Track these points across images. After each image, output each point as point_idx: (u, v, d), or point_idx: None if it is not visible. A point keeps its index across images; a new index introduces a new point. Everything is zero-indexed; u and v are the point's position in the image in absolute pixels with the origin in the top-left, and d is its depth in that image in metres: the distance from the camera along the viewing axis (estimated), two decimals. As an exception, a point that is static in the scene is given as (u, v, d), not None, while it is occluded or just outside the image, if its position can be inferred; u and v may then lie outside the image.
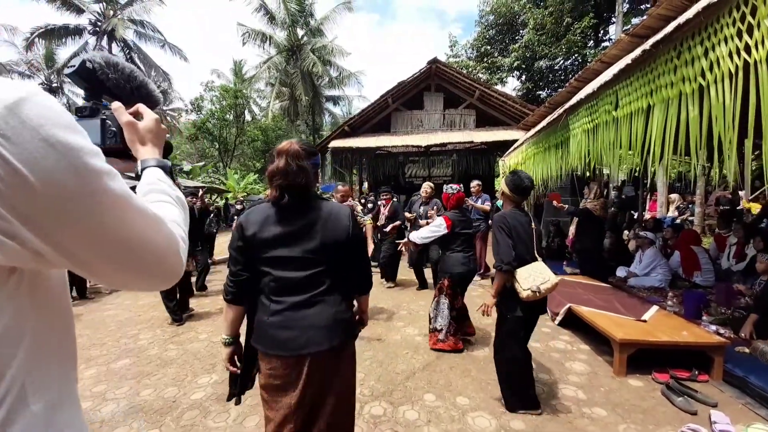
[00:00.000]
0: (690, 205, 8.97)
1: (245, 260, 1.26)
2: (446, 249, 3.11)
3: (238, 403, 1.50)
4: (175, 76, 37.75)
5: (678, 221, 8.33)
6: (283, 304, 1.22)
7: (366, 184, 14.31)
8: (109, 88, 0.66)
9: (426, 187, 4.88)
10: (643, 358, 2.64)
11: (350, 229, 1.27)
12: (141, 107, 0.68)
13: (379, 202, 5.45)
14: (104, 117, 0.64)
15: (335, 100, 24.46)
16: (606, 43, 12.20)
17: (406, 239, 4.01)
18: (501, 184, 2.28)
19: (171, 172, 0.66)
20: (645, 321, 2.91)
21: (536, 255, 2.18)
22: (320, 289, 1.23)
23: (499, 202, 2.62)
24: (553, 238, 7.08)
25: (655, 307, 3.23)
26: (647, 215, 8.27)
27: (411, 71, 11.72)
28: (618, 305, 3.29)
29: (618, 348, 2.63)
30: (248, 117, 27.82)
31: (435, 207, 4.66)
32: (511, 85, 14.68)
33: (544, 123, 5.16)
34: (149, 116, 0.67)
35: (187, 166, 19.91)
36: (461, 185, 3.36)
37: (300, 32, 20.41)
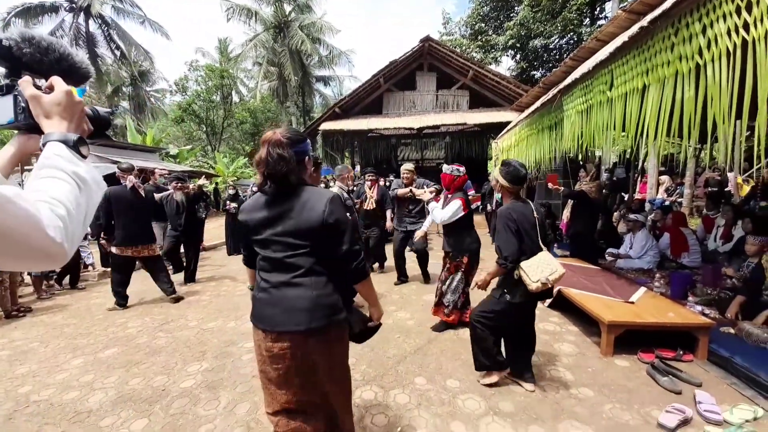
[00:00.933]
0: (679, 187, 9.06)
1: (245, 240, 1.48)
2: (462, 229, 3.14)
3: None
4: (158, 55, 36.18)
5: (667, 203, 8.43)
6: (269, 282, 1.32)
7: (358, 167, 14.14)
8: (27, 63, 0.65)
9: (405, 171, 4.49)
10: (629, 339, 2.69)
11: (324, 214, 1.27)
12: (54, 80, 0.66)
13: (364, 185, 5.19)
14: (16, 93, 0.63)
15: (326, 80, 23.79)
16: (602, 21, 11.93)
17: (390, 221, 3.98)
18: (496, 176, 2.24)
19: (77, 146, 0.64)
20: (633, 303, 2.95)
21: (541, 245, 2.17)
22: (300, 271, 1.29)
23: (498, 195, 2.64)
24: (543, 220, 7.12)
25: (642, 289, 3.28)
26: (637, 197, 8.35)
27: (403, 51, 11.36)
28: (607, 287, 3.33)
29: (606, 330, 2.67)
30: (236, 98, 27.01)
31: (425, 186, 4.53)
32: (506, 65, 14.47)
33: (538, 104, 5.07)
34: (59, 89, 0.65)
35: (173, 150, 19.35)
36: (463, 167, 3.31)
37: (287, 8, 19.59)
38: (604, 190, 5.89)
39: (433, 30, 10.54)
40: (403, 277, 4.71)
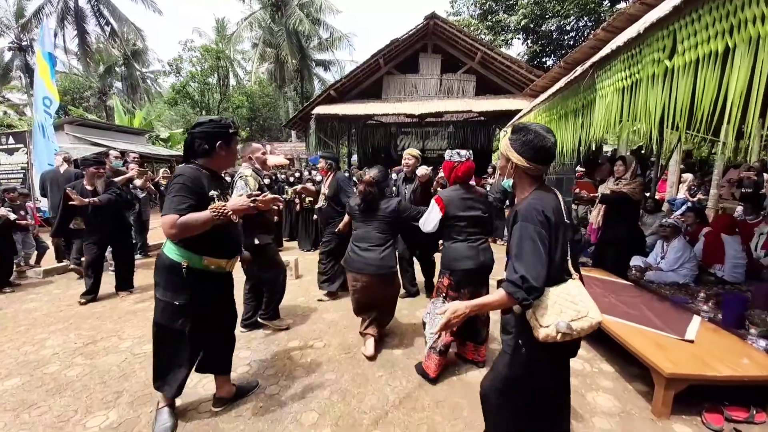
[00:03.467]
0: (703, 186, 8.28)
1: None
2: (447, 238, 2.36)
3: None
4: (152, 34, 34.85)
5: (689, 204, 7.67)
6: (358, 247, 2.61)
7: (355, 157, 13.34)
8: None
9: (408, 156, 3.60)
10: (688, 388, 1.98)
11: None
12: None
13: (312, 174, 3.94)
14: None
15: (326, 65, 22.73)
16: (623, 4, 10.96)
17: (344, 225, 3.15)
18: (505, 151, 1.36)
19: None
20: (692, 341, 2.23)
21: (570, 268, 1.32)
22: (377, 242, 2.59)
23: (507, 182, 1.62)
24: (577, 224, 6.38)
25: (697, 319, 2.56)
26: (656, 196, 7.58)
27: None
28: (650, 314, 2.61)
29: (663, 384, 1.95)
30: (233, 82, 25.94)
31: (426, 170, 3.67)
32: (516, 50, 13.49)
33: (560, 84, 4.23)
34: None
35: (164, 133, 18.48)
36: (470, 152, 2.48)
37: (285, -15, 18.46)
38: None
39: (439, 9, 9.77)
40: (411, 288, 3.80)
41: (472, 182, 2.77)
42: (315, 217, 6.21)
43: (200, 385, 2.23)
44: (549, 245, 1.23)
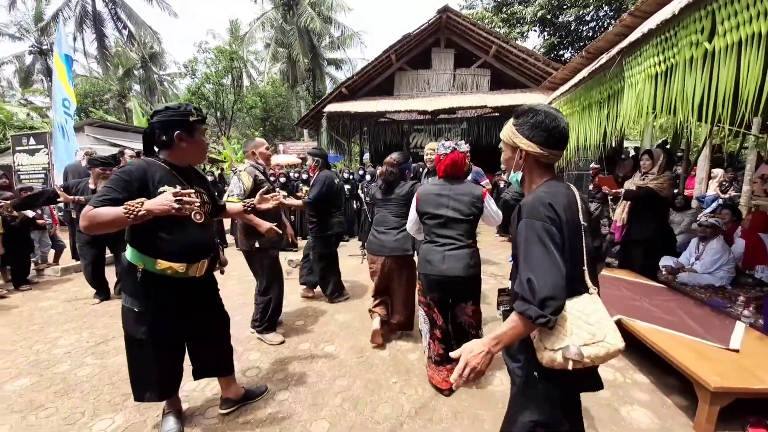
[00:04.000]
0: (734, 182, 7.82)
1: None
2: (424, 237, 2.20)
3: None
4: (168, 37, 35.64)
5: (720, 200, 7.25)
6: (376, 230, 2.70)
7: (367, 155, 13.25)
8: None
9: (429, 151, 3.34)
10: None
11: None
12: None
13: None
14: None
15: (337, 63, 22.68)
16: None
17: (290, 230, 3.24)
18: (510, 139, 1.14)
19: None
20: (737, 351, 2.03)
21: (588, 280, 1.09)
22: (393, 225, 2.63)
23: (515, 176, 1.37)
24: (596, 222, 6.10)
25: (741, 326, 2.34)
26: (684, 193, 7.19)
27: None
28: (688, 320, 2.40)
29: (708, 399, 1.76)
30: (247, 83, 26.23)
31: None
32: (532, 43, 13.03)
33: (583, 74, 4.01)
34: None
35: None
36: (462, 143, 2.10)
37: (297, -16, 18.46)
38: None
39: (452, 3, 9.48)
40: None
41: (484, 180, 2.53)
42: None
43: (208, 388, 2.16)
44: (563, 249, 1.00)
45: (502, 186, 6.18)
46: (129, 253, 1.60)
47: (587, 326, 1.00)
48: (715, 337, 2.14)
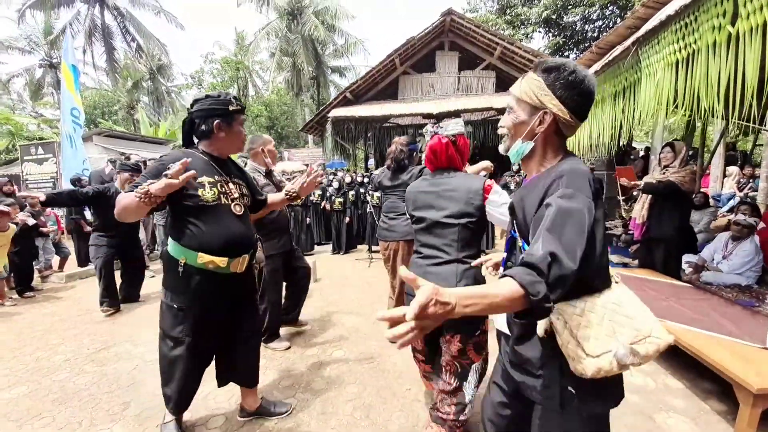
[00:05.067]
0: (751, 180, 7.59)
1: None
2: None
3: None
4: (176, 49, 36.28)
5: (737, 198, 7.03)
6: (387, 216, 2.71)
7: (372, 161, 13.19)
8: None
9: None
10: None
11: None
12: None
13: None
14: None
15: (341, 71, 22.86)
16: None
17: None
18: (535, 95, 0.90)
19: None
20: (779, 351, 1.87)
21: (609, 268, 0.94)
22: (403, 211, 2.59)
23: (521, 149, 0.93)
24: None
25: (780, 325, 2.17)
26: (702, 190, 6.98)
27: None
28: (722, 319, 2.24)
29: (751, 401, 1.61)
30: (252, 92, 26.55)
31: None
32: (537, 45, 12.96)
33: (595, 68, 3.89)
34: None
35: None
36: (451, 123, 1.63)
37: (301, -7, 18.71)
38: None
39: (455, 7, 9.36)
40: None
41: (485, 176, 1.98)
42: (347, 219, 6.27)
43: (210, 397, 2.05)
44: (603, 230, 0.83)
45: (513, 188, 5.88)
46: (171, 246, 1.55)
47: (628, 321, 0.84)
48: (751, 337, 1.98)
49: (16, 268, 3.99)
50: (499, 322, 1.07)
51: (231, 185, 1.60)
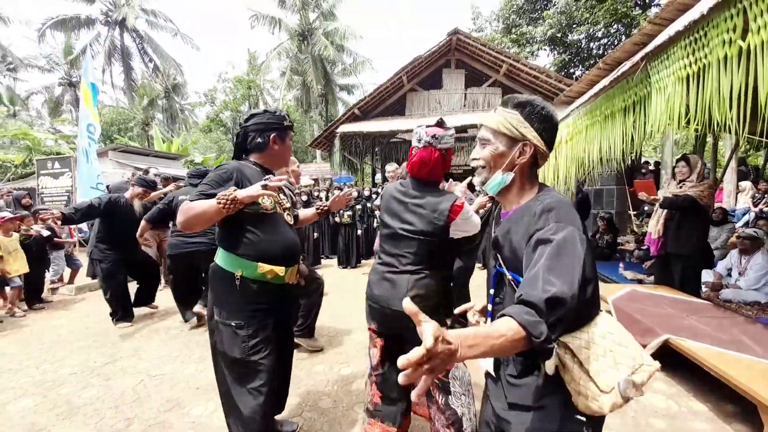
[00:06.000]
0: (766, 195, 7.43)
1: None
2: None
3: None
4: (190, 68, 37.58)
5: (752, 213, 6.87)
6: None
7: (379, 175, 13.28)
8: None
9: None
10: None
11: None
12: None
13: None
14: None
15: (349, 89, 23.40)
16: (655, 9, 10.51)
17: None
18: (513, 129, 0.91)
19: None
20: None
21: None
22: None
23: (501, 181, 0.94)
24: (602, 235, 5.86)
25: (808, 345, 2.07)
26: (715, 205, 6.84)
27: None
28: (744, 337, 2.14)
29: (784, 428, 1.51)
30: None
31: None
32: (542, 62, 13.14)
33: (603, 83, 3.90)
34: None
35: (198, 158, 19.45)
36: (447, 134, 1.48)
37: (312, 15, 19.42)
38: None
39: (461, 27, 9.58)
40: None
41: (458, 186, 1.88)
42: (359, 232, 6.28)
43: (215, 415, 2.00)
44: (592, 256, 0.81)
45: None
46: (223, 259, 1.49)
47: (625, 350, 0.81)
48: (780, 358, 1.89)
49: (26, 279, 4.03)
50: (485, 362, 1.01)
51: (282, 196, 1.62)
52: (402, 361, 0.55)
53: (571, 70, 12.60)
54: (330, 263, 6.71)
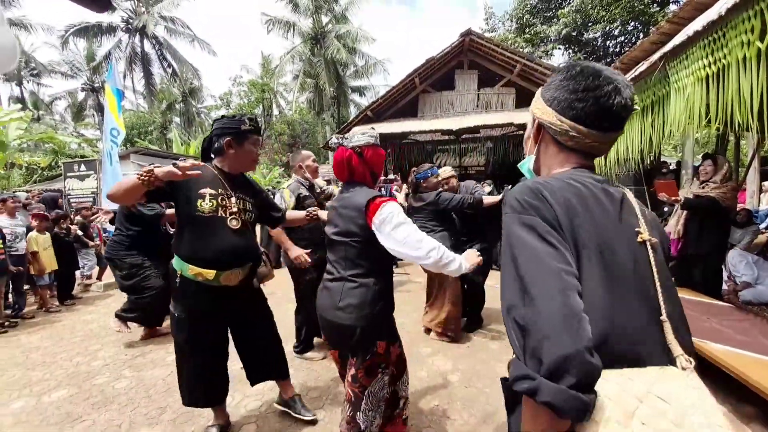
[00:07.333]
0: (792, 196, 7.19)
1: None
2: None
3: None
4: (206, 72, 38.54)
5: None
6: None
7: (391, 175, 13.33)
8: None
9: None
10: None
11: None
12: None
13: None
14: None
15: (361, 91, 23.58)
16: (673, 6, 10.26)
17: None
18: (532, 105, 0.82)
19: None
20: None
21: (675, 344, 0.64)
22: (430, 229, 2.85)
23: (525, 163, 0.88)
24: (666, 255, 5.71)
25: (835, 349, 2.03)
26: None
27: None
28: (765, 340, 2.12)
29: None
30: (276, 112, 27.70)
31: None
32: (557, 61, 12.92)
33: (620, 83, 3.84)
34: None
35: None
36: (358, 133, 1.55)
37: (324, 19, 19.66)
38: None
39: (474, 28, 9.60)
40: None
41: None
42: None
43: (242, 404, 2.09)
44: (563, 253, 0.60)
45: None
46: (174, 259, 1.65)
47: (675, 417, 0.53)
48: (805, 361, 1.86)
49: (57, 277, 4.24)
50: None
51: (233, 200, 1.64)
52: None
53: (587, 69, 12.33)
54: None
